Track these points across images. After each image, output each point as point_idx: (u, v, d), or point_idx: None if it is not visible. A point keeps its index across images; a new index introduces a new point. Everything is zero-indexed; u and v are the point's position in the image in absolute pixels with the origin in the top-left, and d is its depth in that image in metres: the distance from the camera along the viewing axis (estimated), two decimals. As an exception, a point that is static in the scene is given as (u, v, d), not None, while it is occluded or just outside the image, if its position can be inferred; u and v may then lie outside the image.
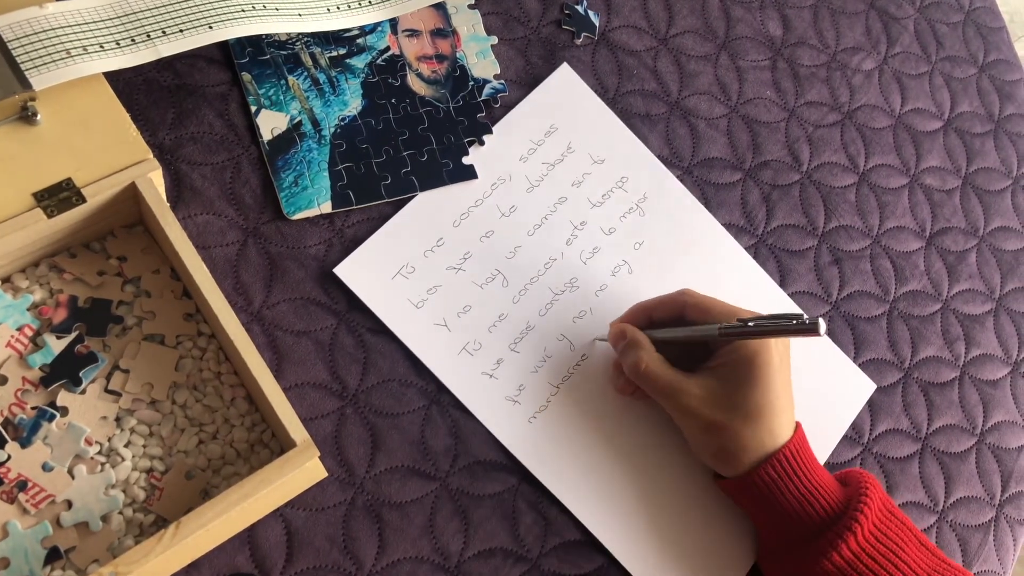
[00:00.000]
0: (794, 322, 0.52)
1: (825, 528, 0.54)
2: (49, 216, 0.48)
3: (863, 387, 0.67)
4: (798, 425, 0.57)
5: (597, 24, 0.70)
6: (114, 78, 0.54)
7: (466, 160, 0.63)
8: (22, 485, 0.48)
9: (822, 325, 0.51)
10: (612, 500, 0.59)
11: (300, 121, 0.61)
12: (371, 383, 0.58)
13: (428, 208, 0.61)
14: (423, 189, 0.62)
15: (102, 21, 0.53)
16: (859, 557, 0.53)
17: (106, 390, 0.50)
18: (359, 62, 0.63)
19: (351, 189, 0.60)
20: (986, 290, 0.75)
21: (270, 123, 0.60)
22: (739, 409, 0.55)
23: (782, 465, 0.55)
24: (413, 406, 0.58)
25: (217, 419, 0.52)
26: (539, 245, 0.63)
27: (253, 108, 0.60)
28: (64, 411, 0.50)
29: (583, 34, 0.69)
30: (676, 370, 0.56)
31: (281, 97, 0.61)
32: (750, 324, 0.54)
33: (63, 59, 0.50)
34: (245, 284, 0.57)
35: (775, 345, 0.55)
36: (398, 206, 0.61)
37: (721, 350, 0.56)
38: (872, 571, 0.53)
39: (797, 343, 0.66)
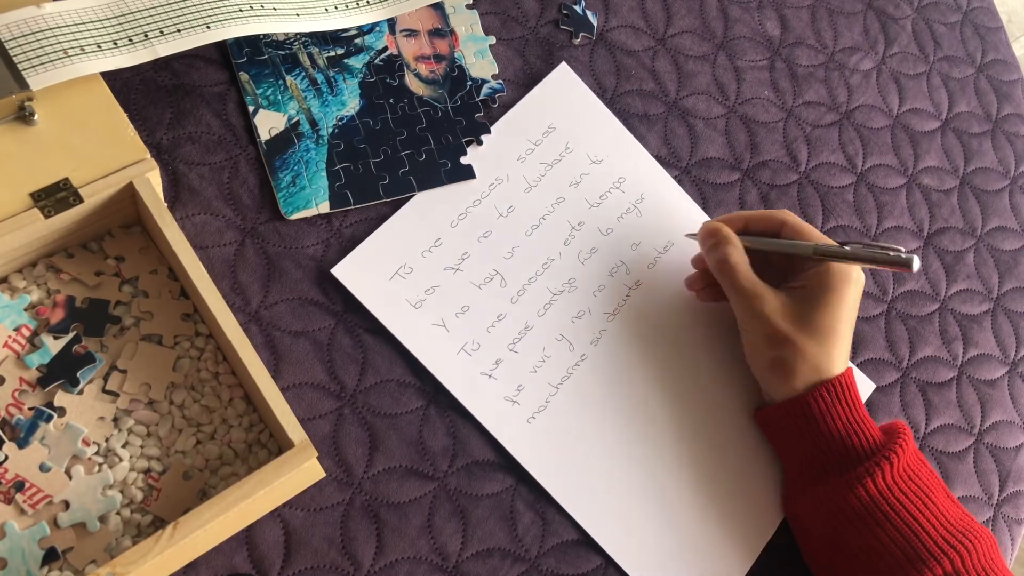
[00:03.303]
0: (890, 253, 0.55)
1: (863, 459, 0.56)
2: (46, 216, 0.48)
3: (862, 387, 0.67)
4: (849, 368, 0.59)
5: (595, 24, 0.70)
6: (112, 78, 0.54)
7: (464, 160, 0.63)
8: (19, 486, 0.48)
9: (916, 262, 0.54)
10: (610, 501, 0.59)
11: (298, 121, 0.61)
12: (369, 383, 0.58)
13: (426, 208, 0.61)
14: (421, 189, 0.61)
15: (99, 21, 0.53)
16: (891, 489, 0.55)
17: (104, 390, 0.50)
18: (357, 62, 0.63)
19: (349, 189, 0.60)
20: (984, 290, 0.75)
21: (268, 123, 0.60)
22: (809, 326, 0.57)
23: (836, 391, 0.57)
24: (411, 406, 0.58)
25: (215, 419, 0.52)
26: (537, 245, 0.63)
27: (251, 108, 0.60)
28: (62, 411, 0.49)
29: (581, 34, 0.69)
30: (757, 278, 0.59)
31: (279, 97, 0.61)
32: (846, 247, 0.57)
33: (60, 59, 0.50)
34: (243, 284, 0.57)
35: (855, 286, 0.58)
36: (396, 206, 0.61)
37: (805, 273, 0.59)
38: (902, 505, 0.55)
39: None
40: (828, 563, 0.58)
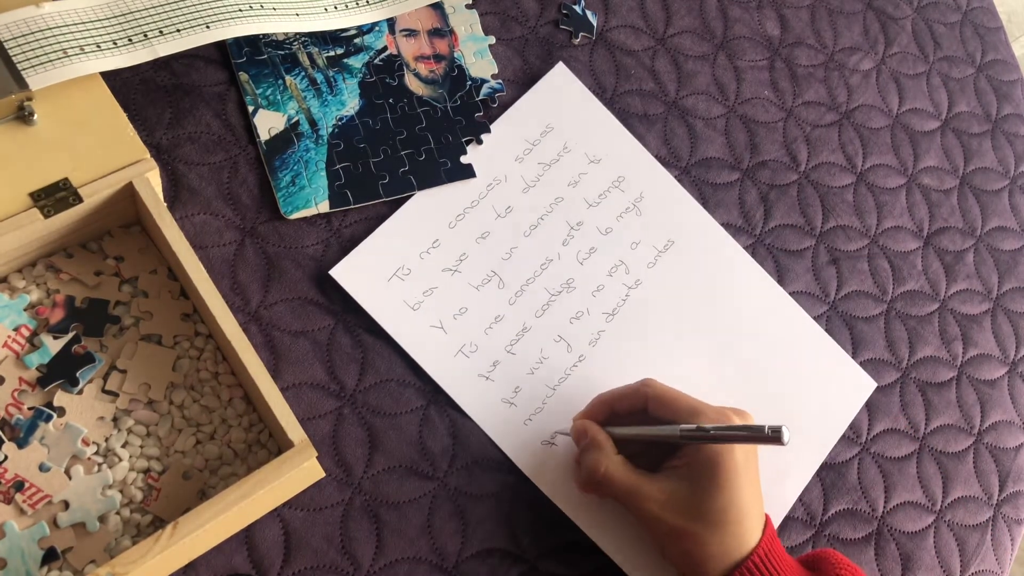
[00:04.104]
0: (752, 433, 0.51)
1: None
2: (46, 216, 0.48)
3: (863, 386, 0.67)
4: (768, 522, 0.55)
5: (595, 24, 0.70)
6: (111, 78, 0.54)
7: (464, 159, 0.63)
8: (19, 486, 0.48)
9: (785, 434, 0.49)
10: (608, 501, 0.59)
11: (297, 121, 0.61)
12: (369, 383, 0.58)
13: (423, 210, 0.61)
14: (421, 188, 0.61)
15: (99, 21, 0.53)
16: None
17: (103, 390, 0.50)
18: (357, 62, 0.63)
19: (349, 189, 0.60)
20: (984, 290, 0.75)
21: (267, 123, 0.60)
22: (703, 515, 0.52)
23: (752, 573, 0.52)
24: (411, 406, 0.58)
25: (214, 419, 0.52)
26: (535, 246, 0.63)
27: (250, 108, 0.60)
28: (61, 411, 0.49)
29: (581, 34, 0.69)
30: (637, 472, 0.54)
31: (278, 97, 0.61)
32: (711, 431, 0.52)
33: (60, 59, 0.50)
34: (242, 284, 0.57)
35: (740, 452, 0.53)
36: (396, 206, 0.61)
37: (685, 449, 0.54)
38: None
39: (795, 341, 0.66)
40: None
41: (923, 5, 0.83)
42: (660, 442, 0.55)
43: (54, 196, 0.48)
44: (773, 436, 0.49)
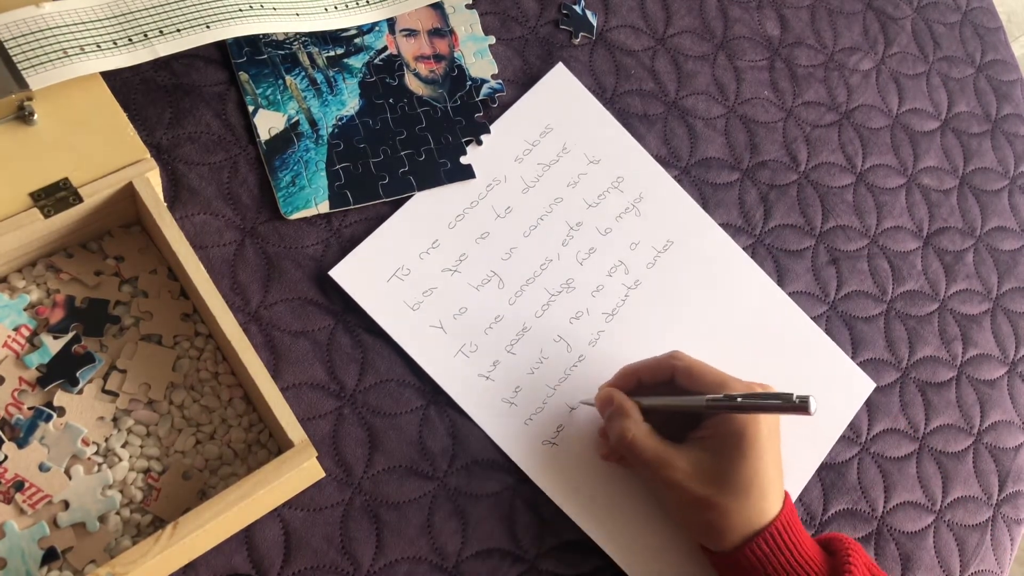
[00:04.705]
0: (781, 401, 0.51)
1: None
2: (46, 216, 0.48)
3: (863, 386, 0.67)
4: (787, 496, 0.56)
5: (595, 24, 0.70)
6: (111, 78, 0.54)
7: (464, 160, 0.63)
8: (19, 485, 0.48)
9: (812, 403, 0.49)
10: (608, 501, 0.59)
11: (297, 121, 0.61)
12: (369, 383, 0.58)
13: (423, 210, 0.61)
14: (421, 189, 0.61)
15: (99, 21, 0.53)
16: None
17: (103, 390, 0.50)
18: (357, 62, 0.63)
19: (348, 189, 0.60)
20: (983, 290, 0.75)
21: (267, 123, 0.60)
22: (727, 484, 0.53)
23: (771, 542, 0.53)
24: (411, 406, 0.58)
25: (214, 419, 0.52)
26: (535, 246, 0.63)
27: (251, 108, 0.60)
28: (61, 411, 0.49)
29: (581, 34, 0.69)
30: (663, 441, 0.55)
31: (279, 97, 0.61)
32: (738, 399, 0.52)
33: (60, 59, 0.50)
34: (242, 284, 0.57)
35: (764, 424, 0.54)
36: (396, 206, 0.61)
37: (710, 420, 0.55)
38: None
39: (794, 341, 0.66)
40: None
41: (923, 5, 0.83)
42: (684, 413, 0.56)
43: (54, 196, 0.48)
44: (801, 405, 0.50)
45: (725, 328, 0.65)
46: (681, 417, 0.57)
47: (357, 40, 0.64)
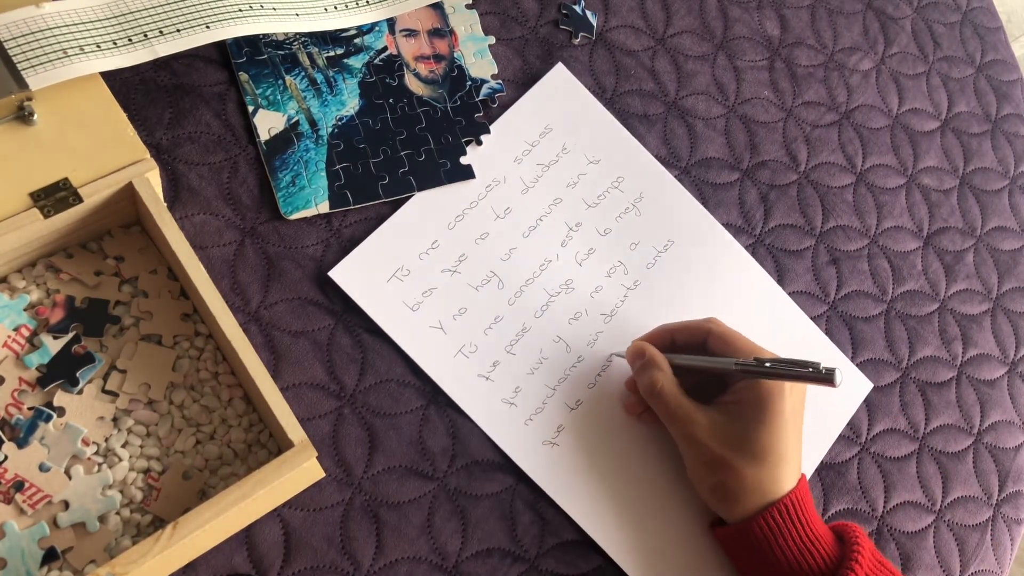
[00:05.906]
0: (810, 369, 0.52)
1: None
2: (46, 216, 0.48)
3: (860, 386, 0.67)
4: (803, 477, 0.57)
5: (595, 24, 0.70)
6: (111, 78, 0.54)
7: (464, 160, 0.63)
8: (19, 486, 0.48)
9: (839, 375, 0.51)
10: (609, 501, 0.59)
11: (297, 121, 0.61)
12: (369, 383, 0.58)
13: (423, 211, 0.61)
14: (421, 189, 0.61)
15: (99, 21, 0.53)
16: None
17: (103, 390, 0.50)
18: (356, 62, 0.63)
19: (348, 189, 0.60)
20: (983, 290, 0.75)
21: (267, 123, 0.60)
22: (746, 448, 0.54)
23: (783, 514, 0.54)
24: (411, 406, 0.58)
25: (214, 419, 0.52)
26: (534, 247, 0.63)
27: (250, 108, 0.60)
28: (61, 411, 0.49)
29: (580, 34, 0.69)
30: (689, 398, 0.56)
31: (278, 97, 0.61)
32: (767, 364, 0.54)
33: (60, 59, 0.50)
34: (242, 284, 0.57)
35: (790, 392, 0.55)
36: (395, 206, 0.61)
37: (736, 386, 0.56)
38: None
39: (794, 337, 0.66)
40: None
41: (923, 5, 0.83)
42: (712, 379, 0.58)
43: (54, 196, 0.48)
44: (826, 376, 0.51)
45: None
46: (709, 382, 0.58)
47: (357, 40, 0.64)
